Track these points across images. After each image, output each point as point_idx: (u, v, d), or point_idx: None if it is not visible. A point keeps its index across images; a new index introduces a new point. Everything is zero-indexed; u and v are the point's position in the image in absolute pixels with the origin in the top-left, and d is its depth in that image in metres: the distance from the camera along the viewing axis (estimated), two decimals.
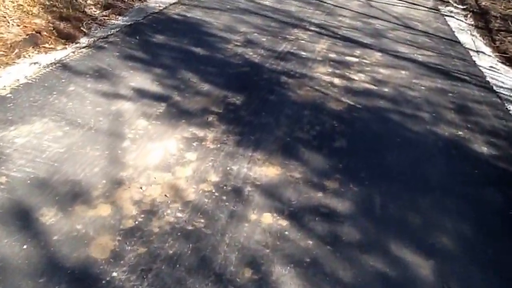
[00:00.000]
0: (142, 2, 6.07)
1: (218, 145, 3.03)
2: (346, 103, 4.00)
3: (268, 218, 2.42)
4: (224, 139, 3.11)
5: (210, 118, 3.36)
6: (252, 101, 3.74)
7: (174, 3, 6.10)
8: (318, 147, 3.22)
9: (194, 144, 3.00)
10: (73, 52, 4.17)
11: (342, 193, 2.75)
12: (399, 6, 8.27)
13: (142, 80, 3.80)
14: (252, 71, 4.35)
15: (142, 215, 2.30)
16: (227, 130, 3.23)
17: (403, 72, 4.99)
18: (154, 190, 2.49)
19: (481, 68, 5.66)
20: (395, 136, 3.57)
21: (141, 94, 3.57)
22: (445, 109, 4.22)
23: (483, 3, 10.00)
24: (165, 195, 2.46)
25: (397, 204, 2.73)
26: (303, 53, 5.06)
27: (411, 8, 8.32)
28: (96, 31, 4.87)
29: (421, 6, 8.60)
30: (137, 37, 4.71)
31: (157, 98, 3.55)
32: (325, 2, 7.60)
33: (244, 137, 3.19)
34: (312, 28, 6.04)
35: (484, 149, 3.61)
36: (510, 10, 9.79)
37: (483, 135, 3.84)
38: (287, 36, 5.54)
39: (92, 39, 4.60)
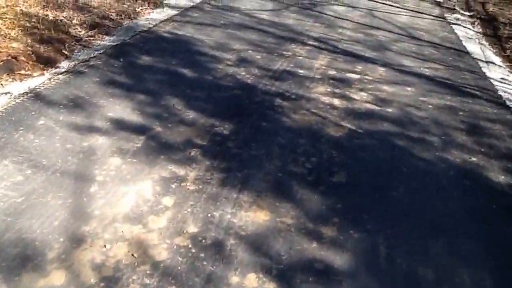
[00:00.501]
0: (132, 20, 5.76)
1: (200, 186, 2.68)
2: (347, 128, 3.64)
3: (252, 281, 2.06)
4: (208, 178, 2.76)
5: (193, 153, 3.01)
6: (241, 129, 3.39)
7: (165, 20, 5.79)
8: (314, 183, 2.86)
9: (173, 185, 2.65)
10: (50, 79, 3.85)
11: (341, 242, 2.39)
12: (403, 15, 7.92)
13: (121, 109, 3.47)
14: (243, 94, 4.01)
15: (102, 284, 1.94)
16: (211, 167, 2.88)
17: (408, 89, 4.63)
18: (120, 248, 2.14)
19: (492, 80, 5.29)
20: (400, 166, 3.20)
21: (119, 125, 3.23)
22: (455, 131, 3.85)
23: (491, 9, 9.61)
24: (132, 255, 2.11)
25: (405, 253, 2.36)
26: (300, 71, 4.71)
27: (416, 17, 7.96)
28: (79, 54, 4.56)
29: (426, 14, 8.23)
30: (121, 59, 4.39)
31: (136, 129, 3.21)
32: (325, 14, 7.27)
33: (230, 174, 2.83)
34: (311, 42, 5.70)
35: (501, 178, 3.23)
36: None
37: (499, 160, 3.46)
38: (284, 53, 5.20)
39: (73, 62, 4.29)
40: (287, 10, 7.17)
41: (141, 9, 6.12)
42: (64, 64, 4.27)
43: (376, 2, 8.62)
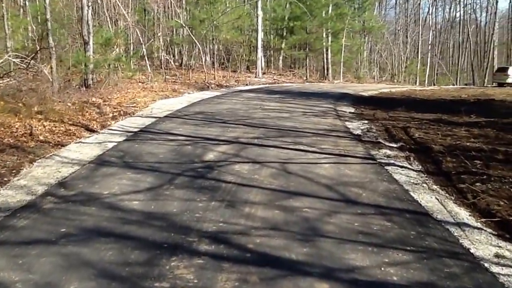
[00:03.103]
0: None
1: None
2: None
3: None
4: None
5: None
6: None
7: None
8: None
9: None
10: None
11: None
12: (325, 163, 6.20)
13: None
14: None
15: None
16: None
17: None
18: None
19: (487, 265, 3.38)
20: None
21: None
22: None
23: (417, 135, 8.35)
24: None
25: None
26: None
27: (341, 163, 6.27)
28: None
29: (350, 157, 6.61)
30: None
31: None
32: (224, 181, 5.31)
33: None
34: (204, 248, 3.57)
35: None
36: (449, 138, 8.16)
37: None
38: (156, 285, 2.98)
39: None
40: (172, 185, 5.14)
41: None
42: None
43: (288, 149, 6.94)
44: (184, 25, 20.42)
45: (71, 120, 9.32)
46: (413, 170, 6.15)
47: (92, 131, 8.67)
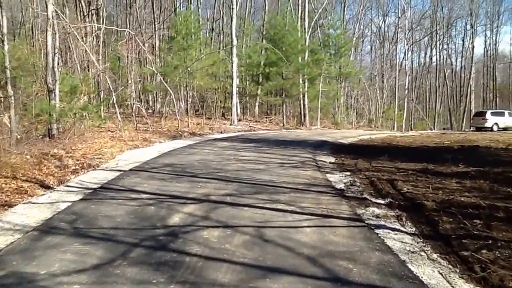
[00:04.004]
0: None
1: None
2: None
3: None
4: None
5: None
6: None
7: None
8: None
9: None
10: None
11: None
12: (307, 227, 5.41)
13: None
14: None
15: None
16: None
17: None
18: None
19: None
20: None
21: None
22: None
23: (405, 189, 7.64)
24: None
25: None
26: None
27: (324, 226, 5.48)
28: None
29: (335, 218, 5.84)
30: None
31: None
32: (189, 254, 4.45)
33: None
34: None
35: None
36: (441, 192, 7.48)
37: None
38: None
39: None
40: (126, 260, 4.26)
41: None
42: None
43: (264, 209, 6.13)
44: (156, 71, 19.81)
45: (25, 175, 8.39)
46: (407, 233, 5.40)
47: (47, 187, 7.75)
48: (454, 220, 5.82)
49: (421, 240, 5.17)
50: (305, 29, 32.07)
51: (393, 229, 5.49)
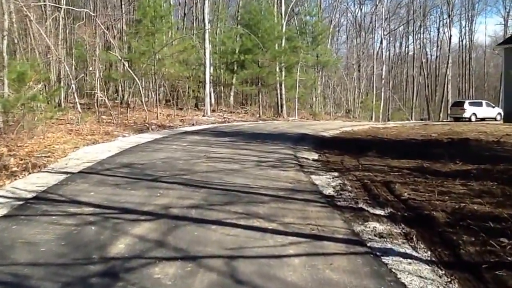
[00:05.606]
0: None
1: None
2: None
3: None
4: None
5: None
6: None
7: None
8: None
9: None
10: None
11: None
12: (294, 257, 4.09)
13: None
14: None
15: None
16: None
17: None
18: None
19: None
20: None
21: None
22: None
23: (406, 196, 6.40)
24: None
25: None
26: None
27: (317, 254, 4.19)
28: None
29: (329, 239, 4.54)
30: None
31: None
32: None
33: None
34: None
35: None
36: (447, 198, 6.27)
37: None
38: None
39: None
40: None
41: None
42: None
43: (238, 227, 4.80)
44: (120, 57, 18.13)
45: None
46: (422, 260, 4.16)
47: None
48: (476, 239, 4.63)
49: (443, 273, 3.94)
50: (281, 15, 30.66)
51: (405, 255, 4.24)
